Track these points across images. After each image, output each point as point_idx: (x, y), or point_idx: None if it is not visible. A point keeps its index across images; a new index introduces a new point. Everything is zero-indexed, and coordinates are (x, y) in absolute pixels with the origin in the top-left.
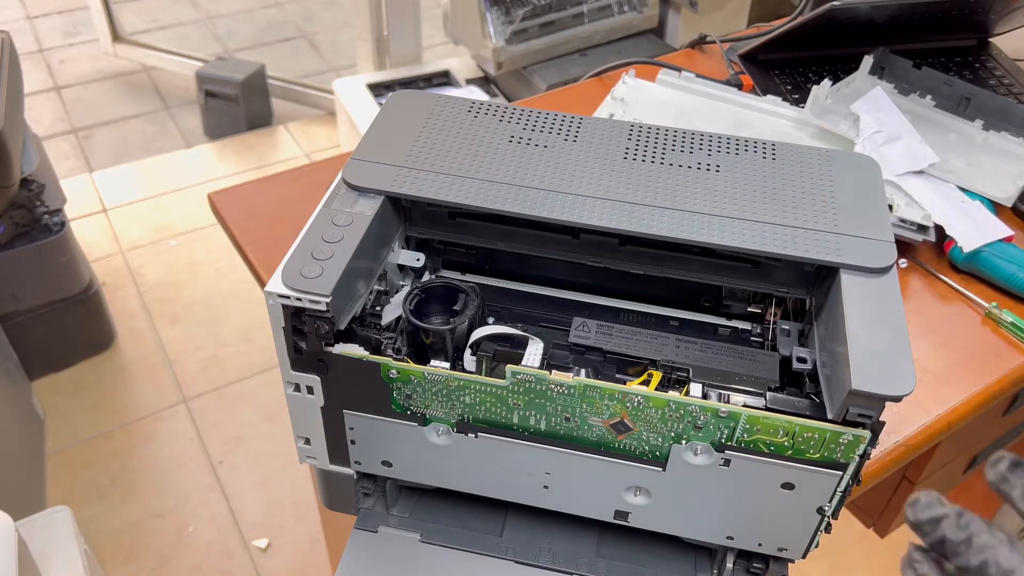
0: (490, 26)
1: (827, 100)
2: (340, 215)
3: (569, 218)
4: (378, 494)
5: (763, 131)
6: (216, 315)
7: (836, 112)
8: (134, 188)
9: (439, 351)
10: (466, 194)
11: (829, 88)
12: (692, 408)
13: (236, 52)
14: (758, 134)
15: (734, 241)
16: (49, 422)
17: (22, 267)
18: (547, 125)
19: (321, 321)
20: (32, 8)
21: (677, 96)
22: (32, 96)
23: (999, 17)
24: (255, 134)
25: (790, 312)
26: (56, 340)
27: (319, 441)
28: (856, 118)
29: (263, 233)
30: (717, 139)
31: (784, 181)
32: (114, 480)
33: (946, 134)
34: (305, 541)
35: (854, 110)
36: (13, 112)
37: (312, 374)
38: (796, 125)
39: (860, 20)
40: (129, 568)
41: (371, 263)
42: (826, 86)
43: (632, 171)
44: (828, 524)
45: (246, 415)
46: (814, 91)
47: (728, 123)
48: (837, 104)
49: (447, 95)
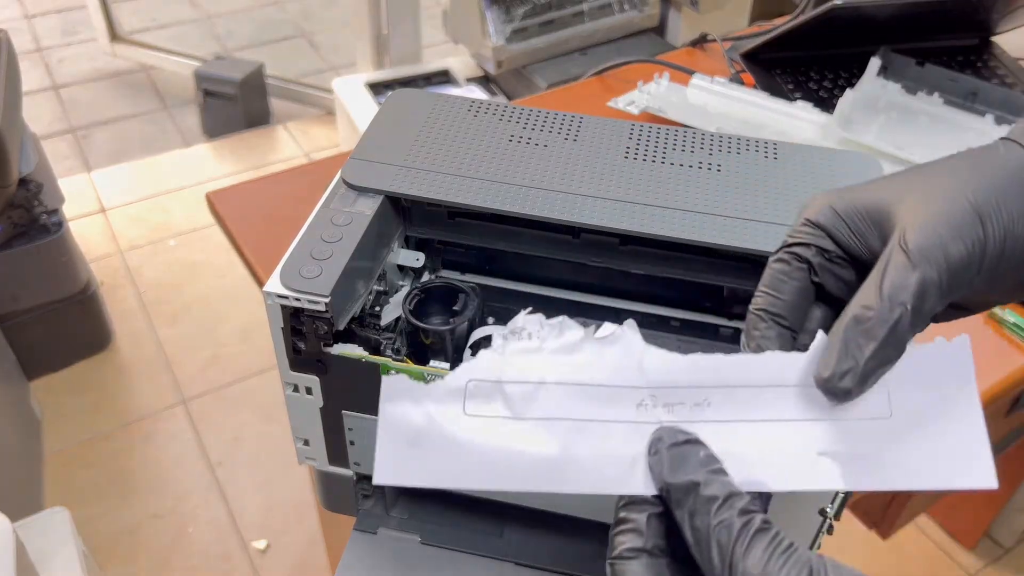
0: (490, 25)
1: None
2: (339, 215)
3: (569, 218)
4: (377, 495)
5: (794, 139)
6: (215, 315)
7: (858, 121)
8: (133, 188)
9: (439, 351)
10: (466, 194)
11: (852, 99)
12: None
13: (235, 51)
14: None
15: (735, 241)
16: (47, 422)
17: (20, 267)
18: (547, 124)
19: (320, 321)
20: (30, 7)
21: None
22: (30, 95)
23: (1001, 16)
24: (254, 133)
25: None
26: (54, 340)
27: (318, 442)
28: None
29: (262, 233)
30: (718, 139)
31: (786, 180)
32: (112, 481)
33: (963, 133)
34: (304, 542)
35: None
36: (11, 111)
37: (311, 374)
38: (823, 132)
39: (862, 19)
40: (127, 569)
41: (370, 263)
42: (849, 97)
43: (633, 170)
44: (830, 526)
45: (245, 416)
46: (840, 103)
47: (753, 128)
48: (856, 112)
49: (447, 94)
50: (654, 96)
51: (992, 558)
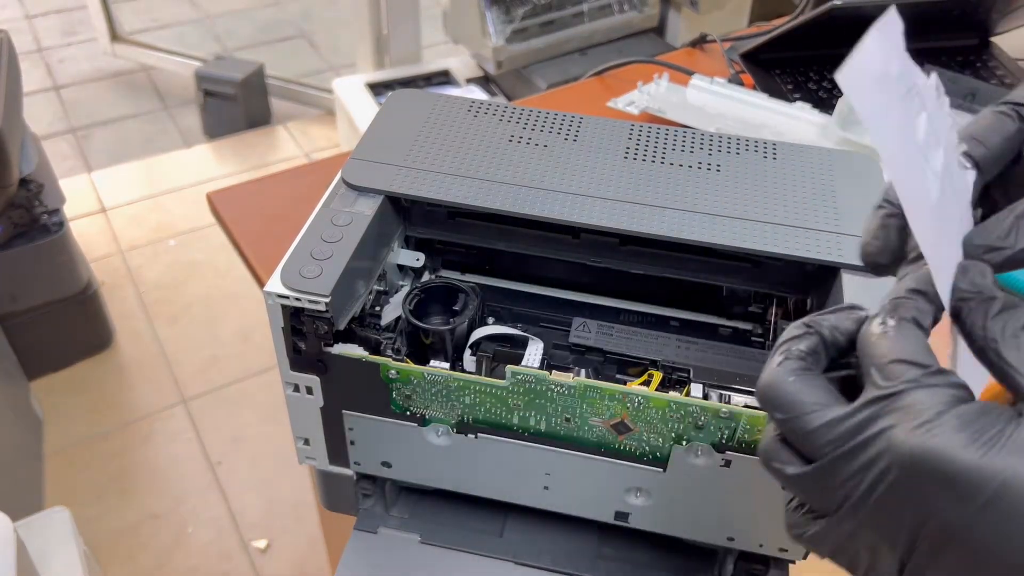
0: (490, 25)
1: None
2: (339, 215)
3: (569, 218)
4: (378, 495)
5: (793, 139)
6: (215, 315)
7: (857, 122)
8: (133, 188)
9: (439, 351)
10: (466, 194)
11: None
12: (693, 409)
13: (235, 51)
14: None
15: (735, 241)
16: (48, 422)
17: (21, 267)
18: (547, 125)
19: (320, 321)
20: (31, 7)
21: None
22: (31, 96)
23: (1000, 16)
24: (254, 134)
25: (791, 312)
26: (55, 340)
27: (318, 442)
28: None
29: (262, 233)
30: (718, 139)
31: (785, 181)
32: (113, 480)
33: None
34: (304, 542)
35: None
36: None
37: (311, 374)
38: (822, 133)
39: (861, 19)
40: (128, 569)
41: (371, 263)
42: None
43: (632, 171)
44: None
45: (245, 415)
46: (839, 103)
47: (752, 128)
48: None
49: (447, 94)
50: (654, 96)
51: None
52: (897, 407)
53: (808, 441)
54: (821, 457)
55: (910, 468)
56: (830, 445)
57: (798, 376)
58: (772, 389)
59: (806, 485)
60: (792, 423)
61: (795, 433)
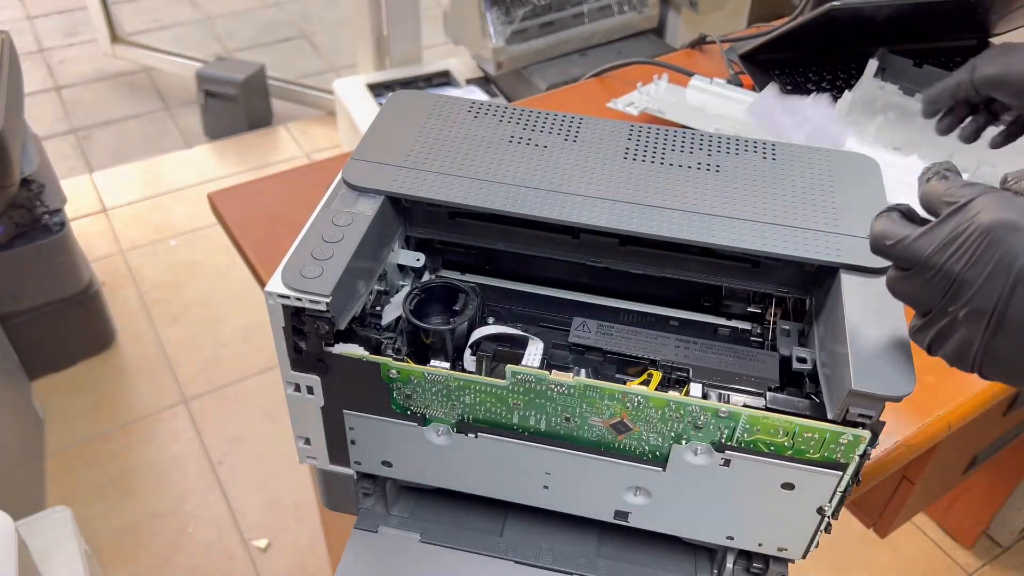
0: (490, 26)
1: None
2: (340, 215)
3: (569, 218)
4: (378, 494)
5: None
6: (216, 315)
7: (856, 122)
8: (134, 188)
9: (439, 351)
10: (466, 194)
11: (851, 100)
12: (692, 408)
13: (236, 52)
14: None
15: (734, 241)
16: (49, 422)
17: (22, 267)
18: (547, 125)
19: (321, 321)
20: (32, 8)
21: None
22: (32, 96)
23: (999, 17)
24: (255, 134)
25: (790, 312)
26: (56, 340)
27: (319, 441)
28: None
29: (263, 233)
30: (717, 139)
31: (784, 181)
32: (114, 480)
33: None
34: (305, 541)
35: (755, 125)
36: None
37: (312, 374)
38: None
39: (860, 20)
40: (129, 568)
41: (371, 263)
42: (847, 98)
43: (632, 171)
44: (828, 524)
45: (246, 415)
46: (838, 104)
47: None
48: (854, 112)
49: (447, 95)
50: (653, 97)
51: (990, 557)
52: (975, 206)
53: (916, 250)
54: (929, 256)
55: (1001, 228)
56: (935, 244)
57: (900, 216)
58: (881, 223)
59: (916, 282)
60: (903, 241)
61: (905, 250)
